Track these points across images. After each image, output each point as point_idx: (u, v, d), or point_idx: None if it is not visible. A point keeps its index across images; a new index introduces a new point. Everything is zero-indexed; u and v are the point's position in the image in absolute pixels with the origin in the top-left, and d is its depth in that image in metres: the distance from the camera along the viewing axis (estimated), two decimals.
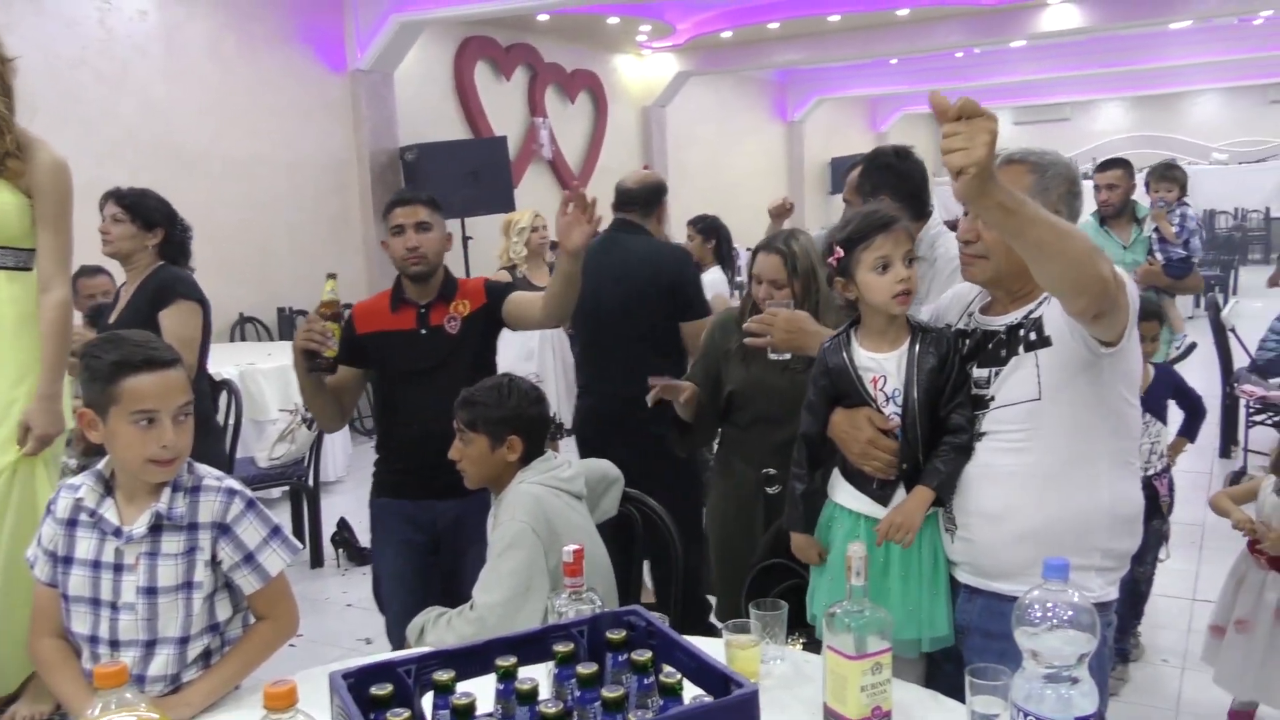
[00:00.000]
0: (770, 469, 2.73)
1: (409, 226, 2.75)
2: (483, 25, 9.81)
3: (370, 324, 2.82)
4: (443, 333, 2.77)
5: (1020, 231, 1.55)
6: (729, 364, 2.80)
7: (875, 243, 1.94)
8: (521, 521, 2.14)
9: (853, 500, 2.05)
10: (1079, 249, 1.58)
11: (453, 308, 2.80)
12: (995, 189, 1.46)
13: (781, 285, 2.70)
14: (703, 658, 1.34)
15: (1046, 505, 1.81)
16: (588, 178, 11.44)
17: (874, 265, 1.94)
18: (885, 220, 1.96)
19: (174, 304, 3.24)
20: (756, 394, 2.73)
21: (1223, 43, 13.68)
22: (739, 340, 2.79)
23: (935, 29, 11.29)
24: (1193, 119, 19.74)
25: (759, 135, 15.54)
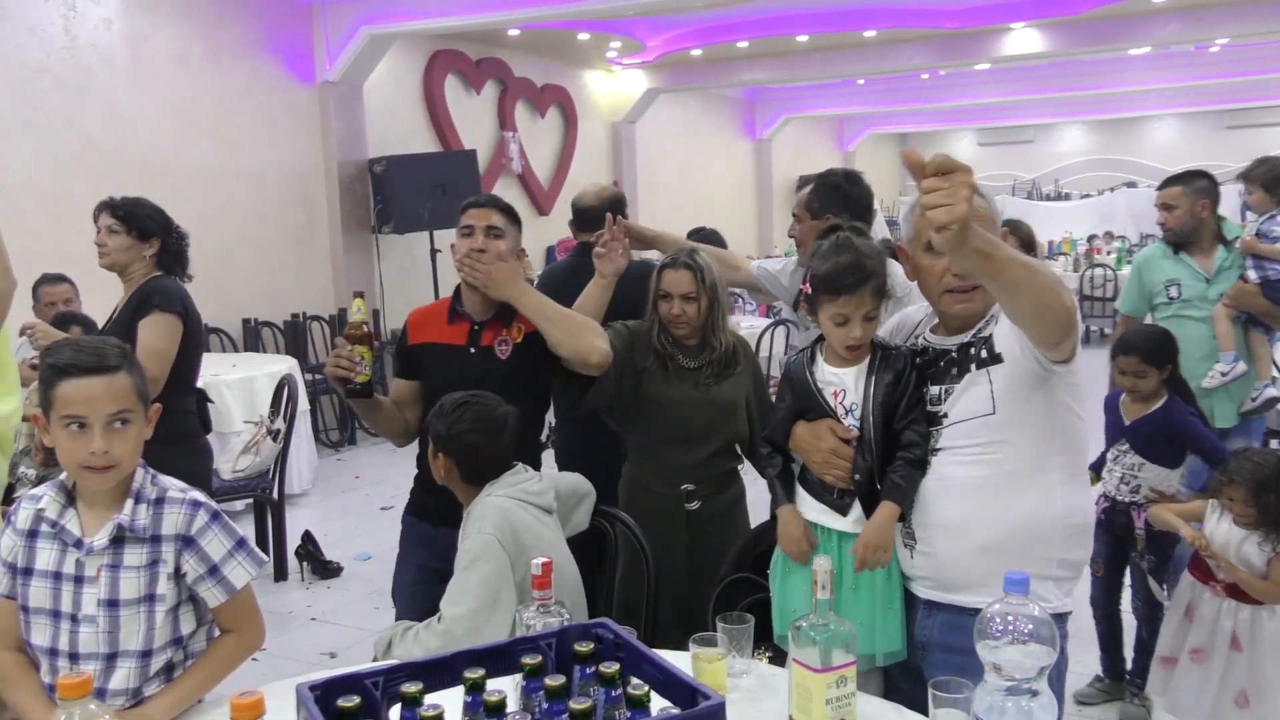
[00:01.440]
0: (689, 484, 2.78)
1: (479, 229, 2.57)
2: (453, 39, 9.82)
3: (422, 334, 2.67)
4: (492, 355, 2.58)
5: (997, 273, 1.60)
6: (647, 378, 2.83)
7: (839, 300, 1.99)
8: (488, 534, 2.14)
9: (814, 511, 2.10)
10: (1046, 284, 1.65)
11: (507, 331, 2.61)
12: (974, 236, 1.51)
13: (693, 298, 2.75)
14: (670, 670, 1.36)
15: (1005, 516, 1.85)
16: (557, 192, 11.46)
17: (833, 316, 2.01)
18: (856, 280, 1.97)
19: (150, 315, 3.17)
20: (674, 412, 2.79)
21: (1181, 69, 14.01)
22: (654, 359, 2.83)
23: (901, 51, 11.45)
24: (1152, 143, 20.16)
25: (728, 152, 15.65)
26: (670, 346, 2.85)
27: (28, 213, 6.06)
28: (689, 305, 2.78)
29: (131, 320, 3.19)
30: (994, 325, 1.89)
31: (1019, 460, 1.84)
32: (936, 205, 1.45)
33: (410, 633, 2.12)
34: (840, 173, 2.94)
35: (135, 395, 1.81)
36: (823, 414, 2.06)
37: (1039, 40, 10.70)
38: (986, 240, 1.54)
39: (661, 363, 2.84)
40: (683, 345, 2.86)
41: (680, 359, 2.85)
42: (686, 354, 2.86)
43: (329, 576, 4.84)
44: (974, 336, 1.91)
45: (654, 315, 2.86)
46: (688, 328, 2.82)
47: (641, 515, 2.82)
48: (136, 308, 3.22)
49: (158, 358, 3.14)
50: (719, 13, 10.06)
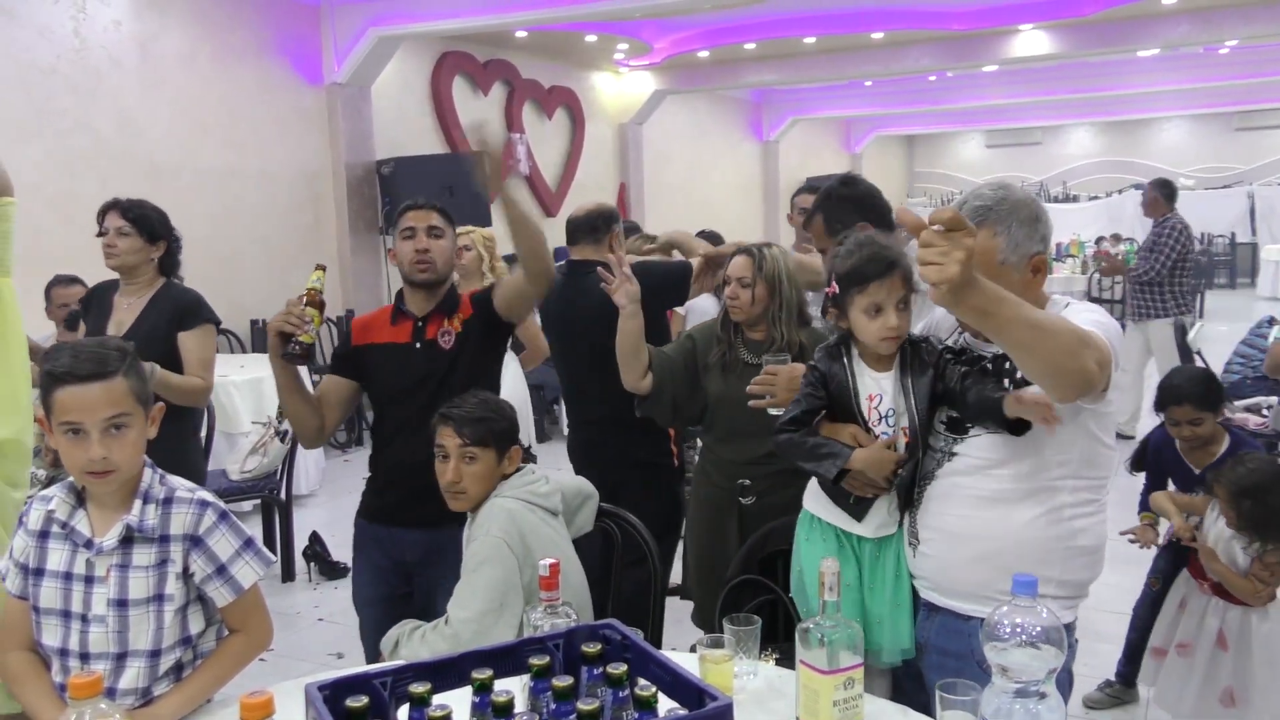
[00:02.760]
0: (745, 480, 2.79)
1: (420, 230, 2.67)
2: (460, 40, 9.84)
3: (367, 336, 2.75)
4: (436, 347, 2.68)
5: (998, 332, 1.56)
6: (709, 375, 2.85)
7: (869, 288, 1.94)
8: (496, 536, 2.14)
9: (826, 511, 2.10)
10: (1060, 345, 1.58)
11: (449, 322, 2.72)
12: (971, 295, 1.47)
13: (748, 284, 2.76)
14: (678, 671, 1.36)
15: (1004, 530, 1.84)
16: (564, 194, 11.47)
17: (865, 308, 1.96)
18: (883, 266, 1.95)
19: (199, 326, 3.26)
20: (733, 407, 2.78)
21: (1189, 71, 13.97)
22: (719, 353, 2.83)
23: (909, 53, 11.44)
24: (1160, 145, 20.11)
25: (735, 154, 15.65)
26: (734, 337, 2.84)
27: (37, 214, 6.08)
28: (744, 290, 2.78)
29: (170, 329, 3.23)
30: None
31: (1030, 479, 1.82)
32: (929, 262, 1.42)
33: (417, 633, 2.12)
34: (835, 184, 2.86)
35: (133, 398, 1.81)
36: (850, 416, 2.03)
37: (1047, 42, 10.68)
38: (989, 298, 1.49)
39: (722, 355, 2.84)
40: (748, 340, 2.84)
41: (743, 354, 2.83)
42: (751, 349, 2.83)
43: (336, 577, 4.84)
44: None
45: (721, 305, 2.88)
46: (743, 314, 2.80)
47: (700, 505, 2.93)
48: (175, 318, 3.25)
49: (210, 366, 3.27)
50: (726, 14, 10.06)
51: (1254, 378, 5.76)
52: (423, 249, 2.66)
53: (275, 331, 2.52)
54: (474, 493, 2.26)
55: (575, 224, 3.46)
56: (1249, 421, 5.19)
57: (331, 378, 2.77)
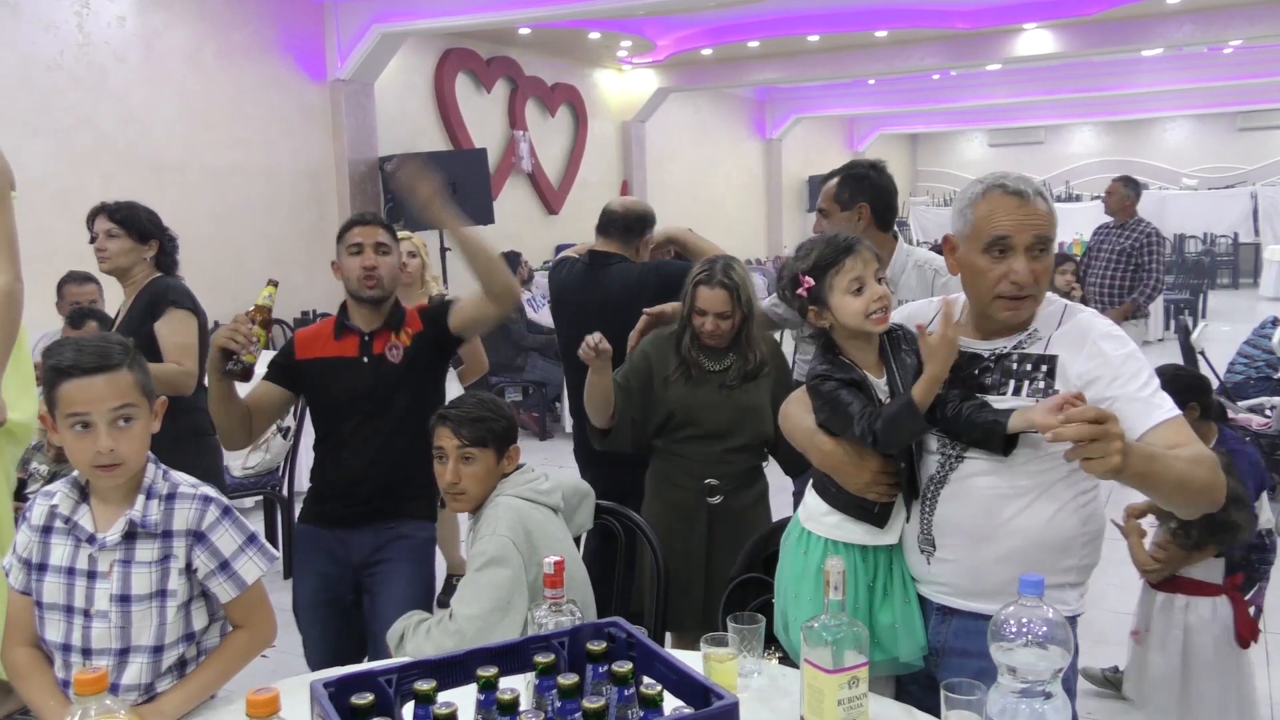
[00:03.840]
0: (712, 479, 2.79)
1: (368, 246, 2.66)
2: (464, 37, 9.84)
3: (311, 350, 2.73)
4: (384, 361, 2.67)
5: (1152, 489, 1.70)
6: (670, 387, 2.83)
7: (845, 265, 1.93)
8: (503, 535, 2.14)
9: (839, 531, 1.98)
10: (1202, 485, 1.71)
11: (395, 336, 2.71)
12: (1130, 467, 1.56)
13: (727, 316, 2.75)
14: (683, 669, 1.35)
15: (1027, 527, 1.82)
16: (566, 191, 11.47)
17: (848, 288, 1.92)
18: (850, 243, 1.96)
19: (167, 313, 3.21)
20: (700, 412, 2.80)
21: (1193, 71, 13.94)
22: (677, 364, 2.83)
23: (912, 51, 11.43)
24: (1163, 145, 20.06)
25: (738, 152, 15.64)
26: (696, 354, 2.84)
27: (41, 211, 6.09)
28: (724, 322, 2.78)
29: (142, 321, 3.20)
30: (1043, 345, 1.83)
31: (1045, 476, 1.81)
32: (1093, 456, 1.52)
33: (422, 627, 2.12)
34: (865, 163, 2.92)
35: (138, 390, 1.81)
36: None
37: (1051, 41, 10.66)
38: (1142, 463, 1.60)
39: (685, 369, 2.84)
40: (705, 346, 2.85)
41: (705, 363, 2.83)
42: (711, 358, 2.84)
43: None
44: (1015, 349, 1.85)
45: (687, 326, 2.85)
46: (723, 341, 2.82)
47: (664, 508, 2.88)
48: (147, 309, 3.23)
49: (188, 351, 3.21)
50: (729, 12, 10.05)
51: (1257, 378, 5.75)
52: (370, 266, 2.64)
53: (218, 347, 2.49)
54: (474, 493, 2.25)
55: (612, 218, 3.41)
56: (1252, 422, 5.18)
57: (267, 385, 2.74)
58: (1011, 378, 1.85)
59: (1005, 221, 1.80)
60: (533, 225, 10.95)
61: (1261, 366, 5.80)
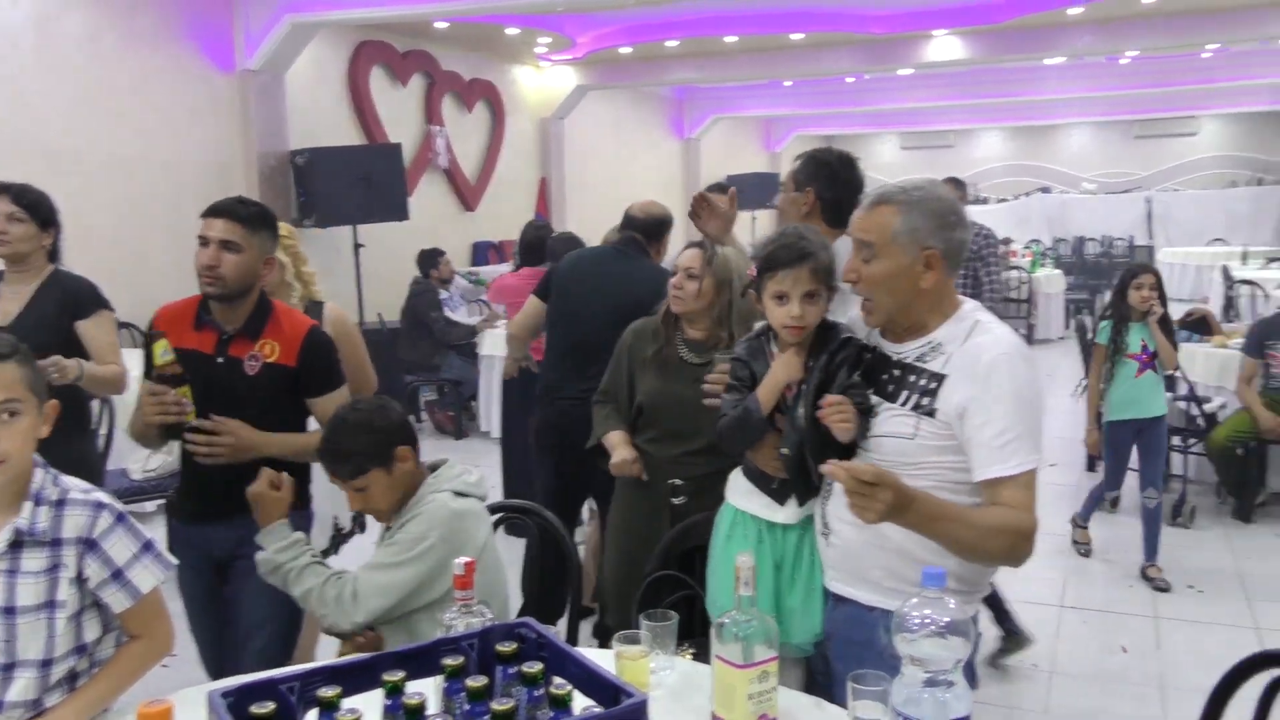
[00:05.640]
0: (677, 480, 2.77)
1: (213, 242, 2.44)
2: (379, 30, 9.65)
3: (170, 337, 2.51)
4: (239, 369, 2.49)
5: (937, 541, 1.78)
6: (644, 372, 2.83)
7: (778, 275, 2.01)
8: (432, 539, 2.12)
9: (752, 504, 2.14)
10: (989, 553, 1.81)
11: (259, 346, 2.51)
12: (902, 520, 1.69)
13: (695, 275, 2.75)
14: (593, 669, 1.35)
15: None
16: (484, 188, 11.36)
17: (773, 294, 2.03)
18: (793, 255, 2.01)
19: (97, 314, 3.16)
20: (667, 406, 2.77)
21: (1092, 80, 14.48)
22: (655, 349, 2.82)
23: (827, 54, 11.61)
24: (1065, 150, 20.81)
25: (657, 151, 15.68)
26: (673, 333, 2.82)
27: None
28: (690, 281, 2.76)
29: (61, 318, 3.12)
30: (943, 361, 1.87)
31: (930, 480, 1.85)
32: (855, 506, 1.66)
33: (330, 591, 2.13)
34: (836, 152, 2.90)
35: (24, 386, 1.73)
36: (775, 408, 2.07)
37: (960, 47, 10.95)
38: (920, 520, 1.71)
39: (659, 351, 2.81)
40: (688, 339, 2.82)
41: (682, 351, 2.80)
42: (692, 348, 2.81)
43: None
44: (918, 362, 1.90)
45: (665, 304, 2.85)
46: (682, 305, 2.78)
47: (627, 508, 2.89)
48: (68, 307, 3.14)
49: (117, 350, 3.17)
50: (648, 11, 10.07)
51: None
52: (209, 264, 2.44)
53: (151, 423, 2.40)
54: (387, 505, 2.24)
55: (633, 222, 3.69)
56: None
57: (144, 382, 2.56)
58: (905, 388, 1.90)
59: (850, 224, 1.97)
60: (449, 222, 10.81)
61: None
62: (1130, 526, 5.18)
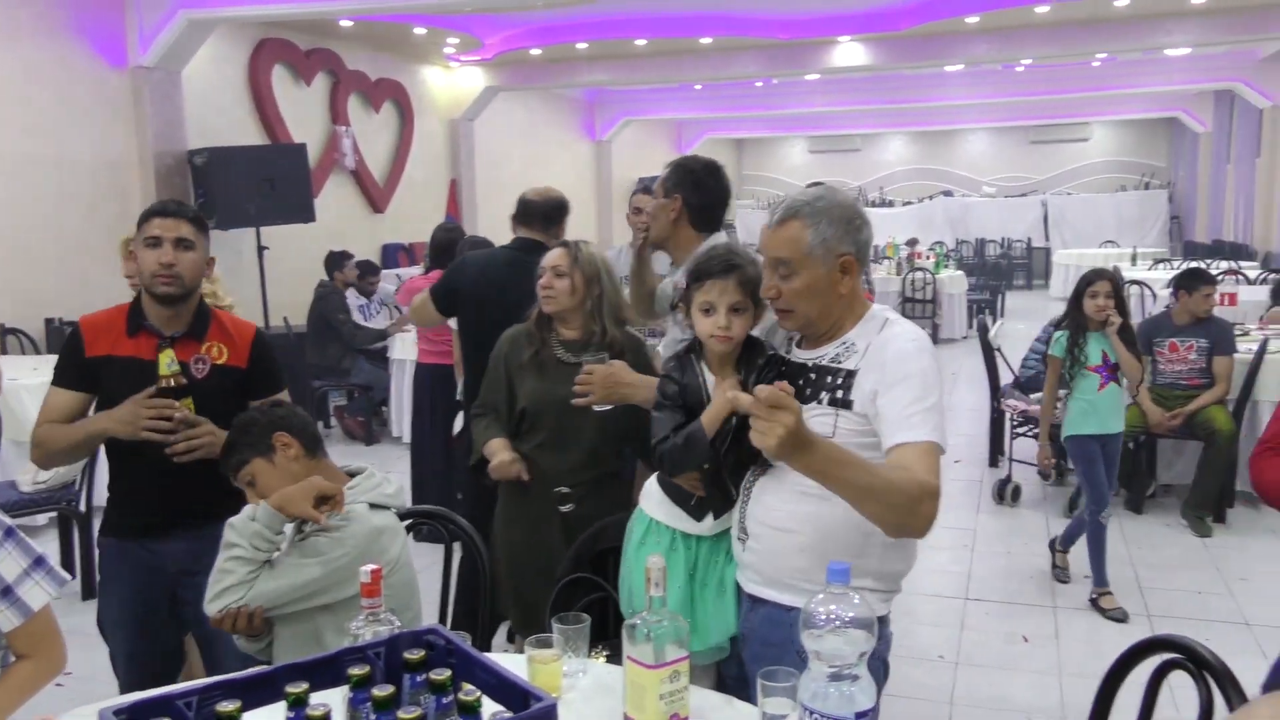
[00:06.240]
0: (564, 488, 2.75)
1: (167, 241, 2.41)
2: (280, 27, 9.42)
3: (101, 345, 2.46)
4: (187, 374, 2.43)
5: (828, 487, 1.72)
6: (522, 377, 2.79)
7: (705, 285, 2.04)
8: (346, 552, 2.08)
9: (664, 511, 2.14)
10: (894, 505, 1.73)
11: (205, 348, 2.48)
12: (801, 459, 1.63)
13: (563, 273, 2.74)
14: (502, 674, 1.34)
15: (828, 522, 1.91)
16: (393, 189, 11.19)
17: (700, 305, 2.05)
18: (721, 266, 2.03)
19: None
20: (550, 409, 2.73)
21: (990, 87, 14.99)
22: (531, 352, 2.80)
23: (736, 59, 11.76)
24: (966, 155, 21.49)
25: (568, 153, 15.67)
26: (548, 334, 2.79)
27: None
28: (559, 280, 2.74)
29: None
30: (857, 359, 1.92)
31: None
32: (756, 431, 1.60)
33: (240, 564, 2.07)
34: (702, 160, 2.98)
35: None
36: None
37: (864, 54, 11.21)
38: (822, 463, 1.66)
39: (536, 354, 2.77)
40: (564, 339, 2.80)
41: (559, 352, 2.78)
42: (568, 348, 2.79)
43: None
44: (832, 363, 1.94)
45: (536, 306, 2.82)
46: (554, 304, 2.75)
47: (514, 518, 2.82)
48: None
49: None
50: (558, 13, 10.06)
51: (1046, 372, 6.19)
52: (168, 263, 2.40)
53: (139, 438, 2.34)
54: None
55: (531, 207, 3.56)
56: None
57: (61, 392, 2.48)
58: (821, 389, 1.94)
59: (760, 242, 1.96)
60: (357, 223, 10.61)
61: None
62: (1029, 519, 5.38)
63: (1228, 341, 5.24)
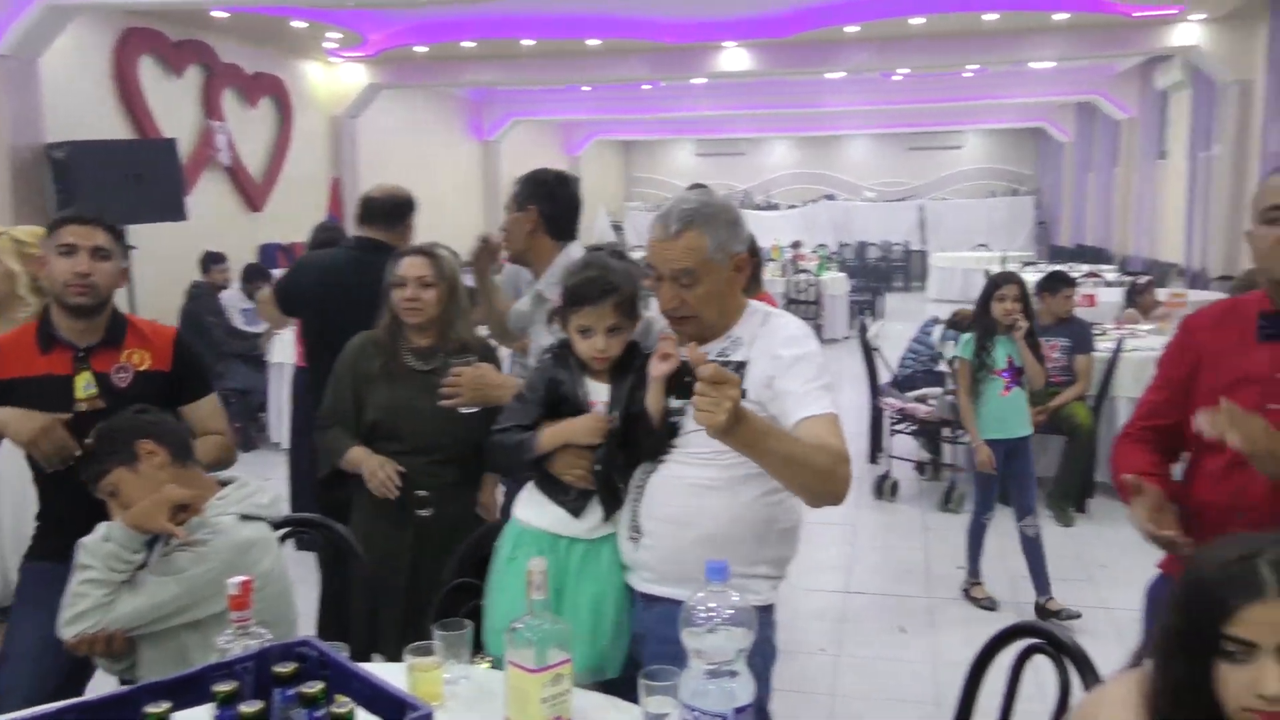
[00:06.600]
0: (422, 491, 2.71)
1: (83, 249, 2.31)
2: (148, 17, 9.01)
3: (11, 367, 2.33)
4: (109, 384, 2.35)
5: (759, 462, 1.81)
6: (373, 388, 2.73)
7: (583, 311, 2.05)
8: (211, 567, 1.99)
9: (547, 519, 2.09)
10: (817, 472, 1.81)
11: (125, 356, 2.39)
12: (739, 433, 1.68)
13: (429, 284, 2.70)
14: (378, 684, 1.31)
15: (725, 514, 1.95)
16: (271, 187, 10.83)
17: (577, 328, 2.06)
18: (597, 292, 2.03)
19: None
20: (405, 418, 2.70)
21: (870, 94, 15.45)
22: (381, 362, 2.74)
23: (623, 61, 11.80)
24: (848, 160, 22.12)
25: (455, 152, 15.46)
26: (400, 342, 2.73)
27: None
28: (425, 291, 2.69)
29: None
30: (744, 350, 1.96)
31: (744, 467, 1.93)
32: (702, 410, 1.65)
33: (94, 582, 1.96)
34: (552, 172, 2.99)
35: None
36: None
37: (748, 59, 11.40)
38: (755, 435, 1.72)
39: (386, 364, 2.72)
40: (415, 347, 2.75)
41: (410, 360, 2.73)
42: (418, 356, 2.74)
43: None
44: (720, 358, 1.96)
45: (388, 310, 2.75)
46: (422, 315, 2.70)
47: (370, 522, 2.74)
48: None
49: None
50: (442, 11, 9.91)
51: (923, 371, 6.43)
52: (83, 272, 2.30)
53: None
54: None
55: (373, 205, 3.41)
56: (919, 410, 5.81)
57: None
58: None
59: (653, 254, 1.99)
60: (233, 222, 10.23)
61: (925, 361, 6.50)
62: (907, 513, 5.56)
63: (1087, 341, 5.53)
